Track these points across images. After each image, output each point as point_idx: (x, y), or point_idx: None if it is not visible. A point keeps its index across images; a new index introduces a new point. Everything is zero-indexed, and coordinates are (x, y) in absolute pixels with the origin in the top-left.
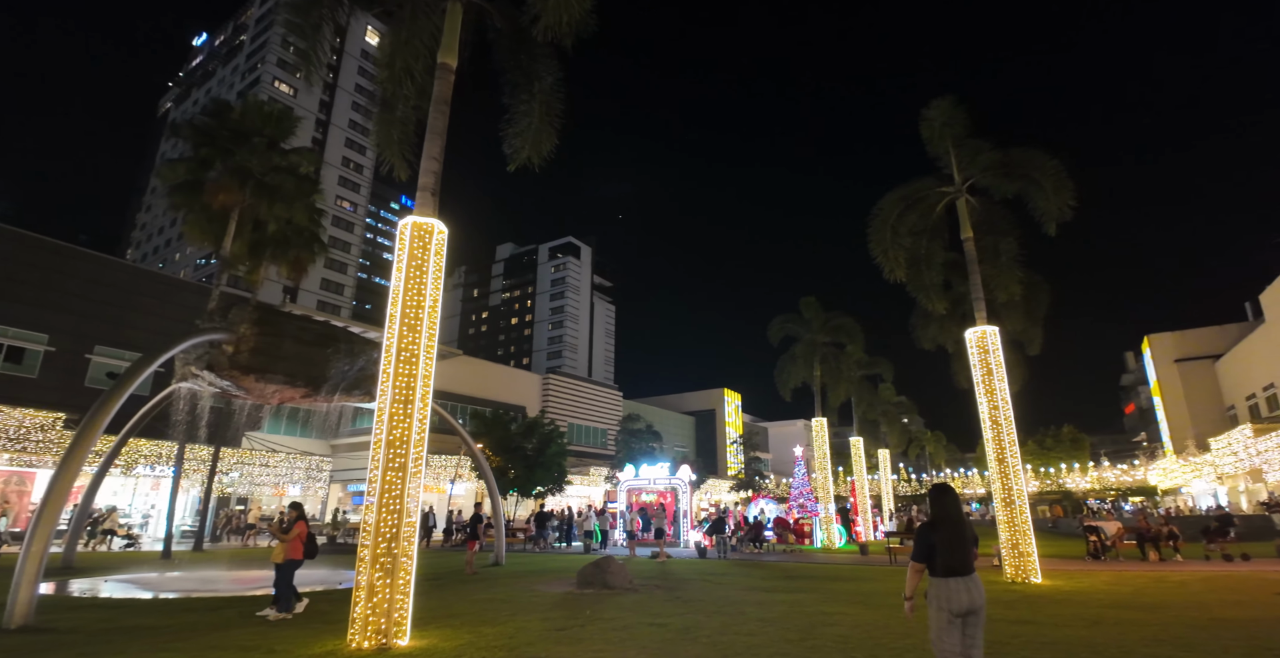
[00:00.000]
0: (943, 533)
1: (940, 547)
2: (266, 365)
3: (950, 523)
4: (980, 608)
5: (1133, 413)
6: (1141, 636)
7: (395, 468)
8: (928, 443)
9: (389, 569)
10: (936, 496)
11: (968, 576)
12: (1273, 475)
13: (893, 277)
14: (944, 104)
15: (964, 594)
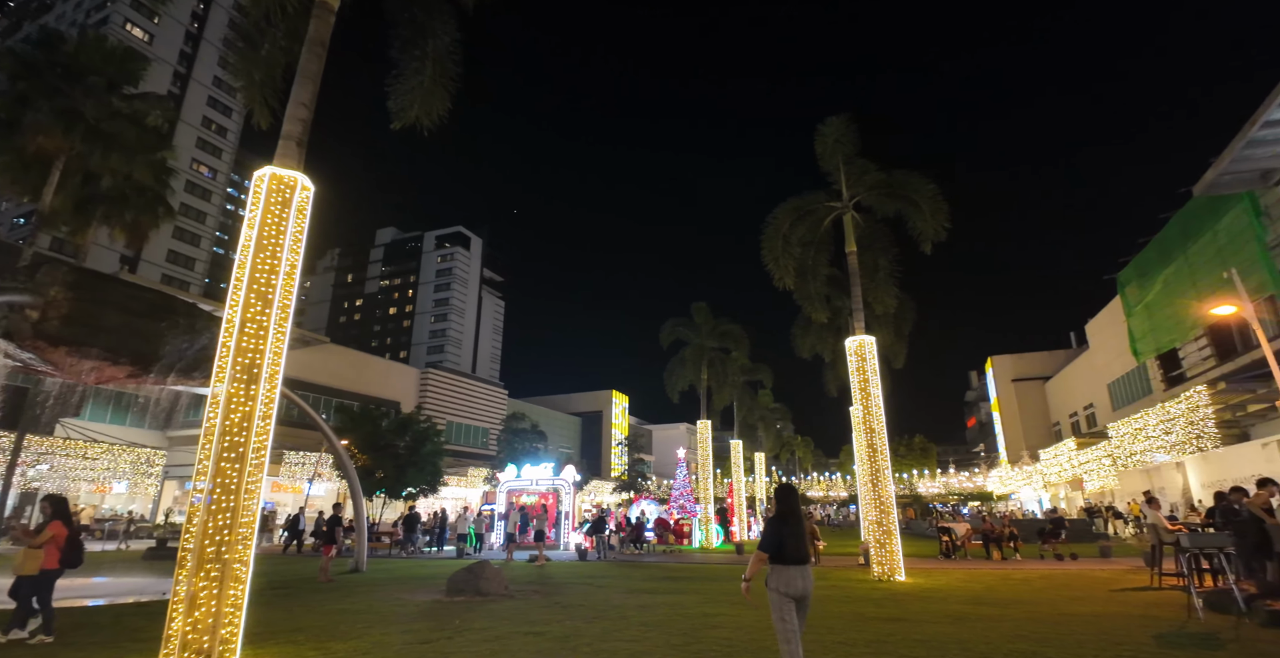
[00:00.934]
0: (789, 527)
1: (786, 539)
2: (81, 337)
3: (795, 518)
4: (809, 594)
5: (974, 426)
6: (1003, 632)
7: (232, 459)
8: (798, 448)
9: (217, 578)
10: (783, 494)
11: (804, 565)
12: (1090, 484)
13: (782, 284)
14: (838, 122)
15: (799, 581)
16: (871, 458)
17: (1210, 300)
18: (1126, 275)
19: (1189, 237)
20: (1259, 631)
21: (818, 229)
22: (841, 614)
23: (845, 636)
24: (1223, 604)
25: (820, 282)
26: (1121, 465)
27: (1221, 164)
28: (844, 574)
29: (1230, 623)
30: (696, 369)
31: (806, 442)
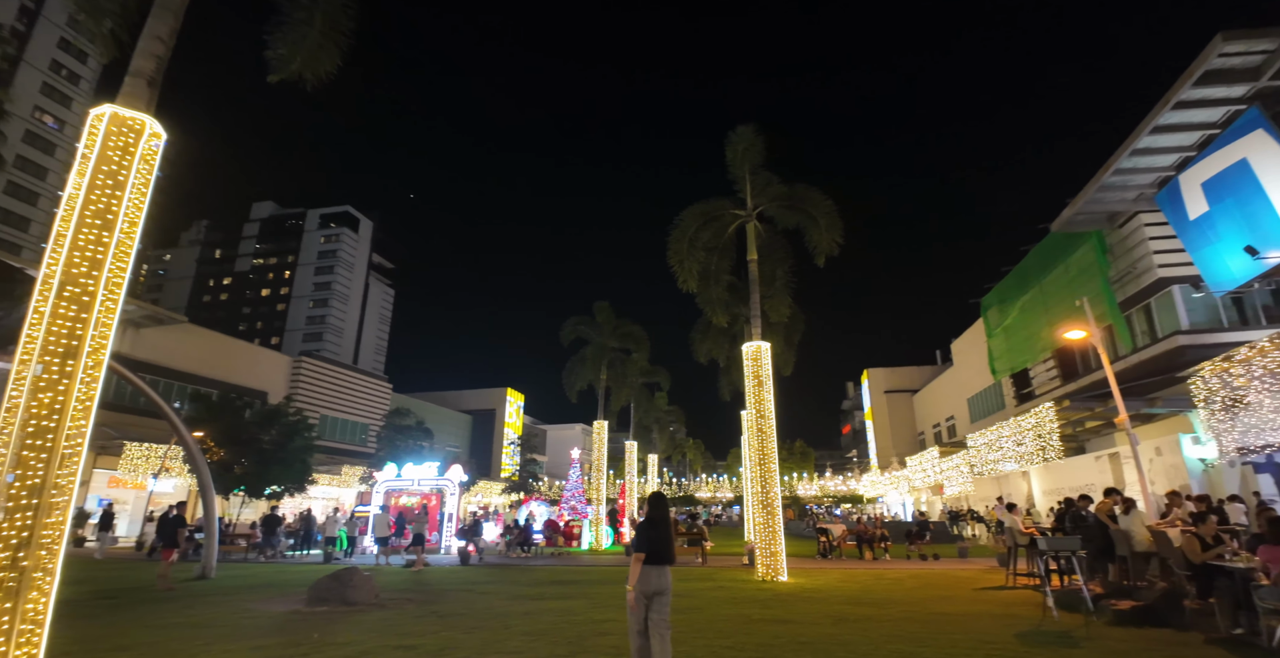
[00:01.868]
0: (658, 531)
1: (655, 542)
2: None
3: (664, 524)
4: (666, 590)
5: (849, 433)
6: (881, 632)
7: (38, 447)
8: (689, 450)
9: (12, 589)
10: (655, 501)
11: (665, 566)
12: (950, 489)
13: (686, 287)
14: (747, 132)
15: (657, 580)
16: (761, 461)
17: (1061, 326)
18: (989, 300)
19: (1045, 268)
20: (1107, 629)
21: (723, 235)
22: (730, 617)
23: (735, 640)
24: (1072, 603)
25: (722, 287)
26: (977, 473)
27: (1076, 205)
28: (730, 575)
29: (1081, 622)
30: (596, 369)
31: (698, 444)
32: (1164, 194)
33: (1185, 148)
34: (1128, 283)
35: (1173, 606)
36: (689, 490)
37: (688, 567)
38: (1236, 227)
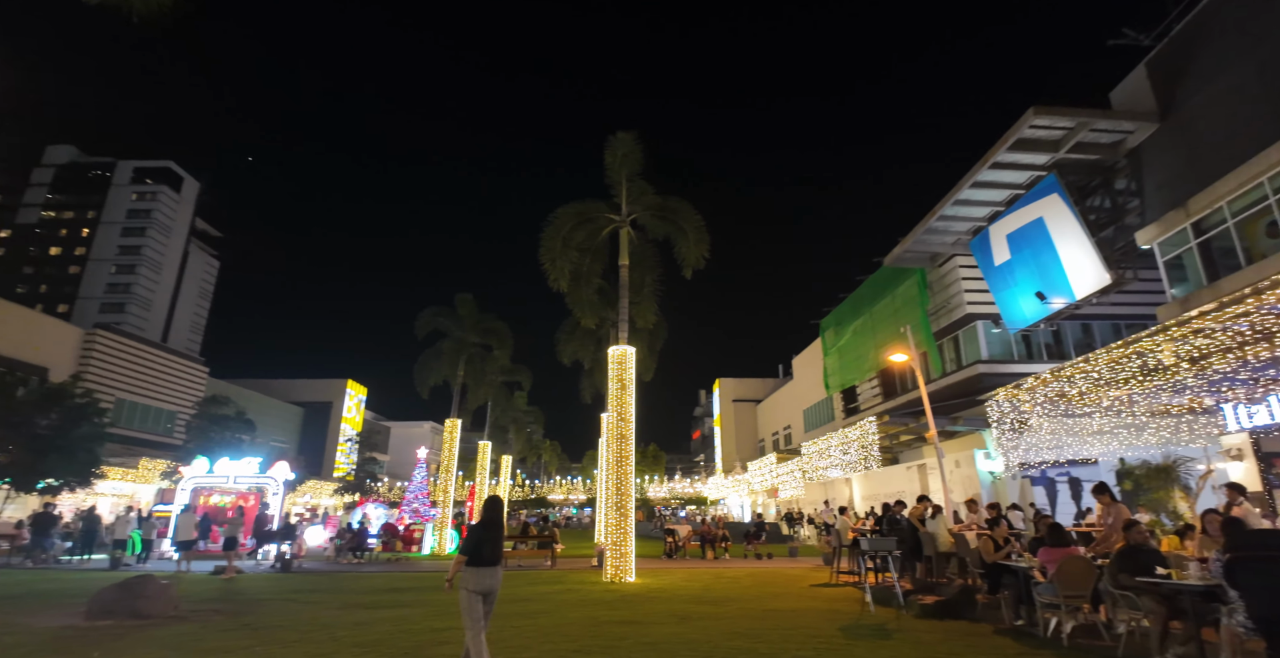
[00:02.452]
0: (489, 534)
1: (484, 544)
2: None
3: (496, 527)
4: (496, 590)
5: (698, 438)
6: (721, 630)
7: None
8: (545, 452)
9: None
10: (490, 505)
11: (496, 566)
12: (784, 493)
13: (556, 285)
14: (627, 138)
15: (488, 579)
16: (618, 463)
17: (886, 350)
18: (827, 322)
19: (875, 297)
20: (915, 622)
21: (596, 237)
22: (577, 620)
23: (581, 643)
24: (886, 599)
25: (592, 289)
26: (808, 478)
27: (905, 243)
28: (580, 577)
29: (893, 615)
30: (453, 364)
31: (554, 446)
32: (976, 241)
33: (996, 203)
34: (942, 316)
35: (968, 600)
36: (542, 493)
37: (537, 570)
38: (1031, 275)
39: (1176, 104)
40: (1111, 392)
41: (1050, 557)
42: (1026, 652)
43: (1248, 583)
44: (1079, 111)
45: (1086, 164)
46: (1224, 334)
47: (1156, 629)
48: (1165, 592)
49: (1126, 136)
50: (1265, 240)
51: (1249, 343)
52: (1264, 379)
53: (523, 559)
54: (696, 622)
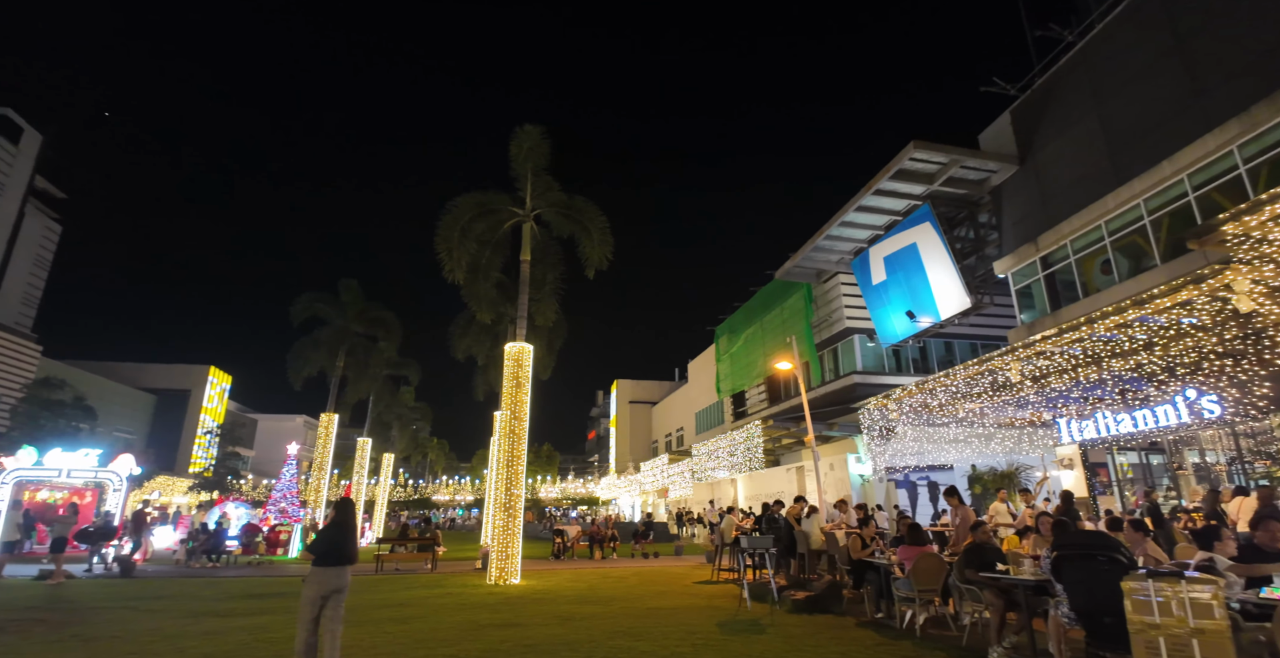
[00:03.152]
0: (341, 535)
1: (334, 545)
2: None
3: (347, 529)
4: (343, 590)
5: (594, 439)
6: (604, 629)
7: None
8: (432, 451)
9: None
10: (341, 507)
11: (343, 567)
12: (674, 493)
13: (452, 277)
14: (534, 131)
15: (334, 580)
16: (509, 463)
17: (773, 358)
18: (721, 329)
19: (766, 308)
20: (787, 616)
21: (498, 230)
22: (456, 624)
23: (459, 648)
24: (762, 595)
25: (491, 283)
26: (697, 479)
27: (796, 259)
28: (461, 580)
29: (768, 611)
30: (333, 354)
31: (442, 444)
32: (857, 261)
33: (877, 227)
34: (824, 328)
35: (835, 595)
36: (426, 493)
37: (416, 574)
38: (903, 295)
39: (1034, 150)
40: (967, 404)
41: (908, 554)
42: (884, 643)
43: (1069, 578)
44: (952, 149)
45: (956, 197)
46: (1061, 357)
47: (995, 620)
48: (1003, 586)
49: (991, 175)
50: (1100, 276)
51: (1081, 366)
52: (1092, 398)
53: (401, 563)
54: (579, 622)
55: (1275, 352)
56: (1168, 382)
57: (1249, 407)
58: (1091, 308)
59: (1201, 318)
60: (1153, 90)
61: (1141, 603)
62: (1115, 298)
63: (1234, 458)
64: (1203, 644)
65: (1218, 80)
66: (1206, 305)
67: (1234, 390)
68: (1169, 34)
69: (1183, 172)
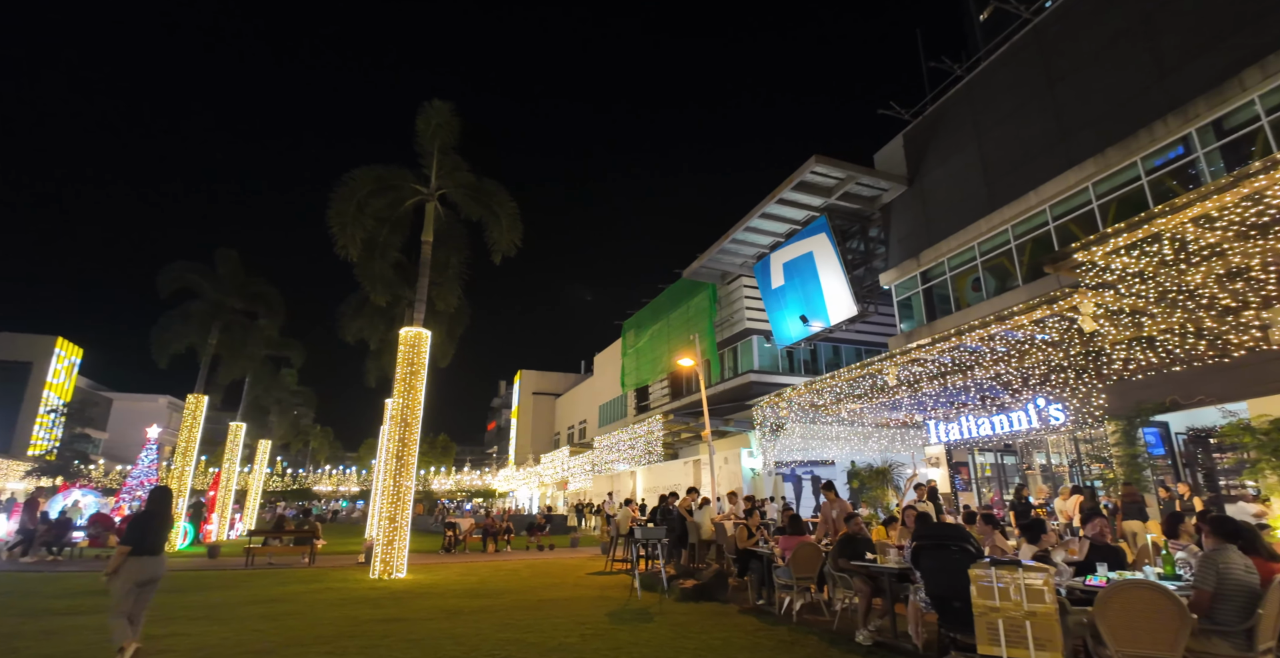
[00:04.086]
0: (153, 524)
1: (148, 534)
2: None
3: (161, 517)
4: (158, 578)
5: (493, 430)
6: (492, 622)
7: None
8: (315, 438)
9: None
10: (156, 496)
11: (158, 556)
12: (573, 485)
13: (345, 253)
14: (443, 107)
15: (151, 569)
16: (399, 453)
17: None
18: (629, 324)
19: (673, 305)
20: (675, 605)
21: (398, 208)
22: (334, 620)
23: (336, 644)
24: (653, 584)
25: (388, 263)
26: (597, 471)
27: (702, 259)
28: (341, 575)
29: (657, 600)
30: (205, 330)
31: (326, 432)
32: (759, 266)
33: (778, 234)
34: (725, 328)
35: (720, 584)
36: (307, 483)
37: (291, 569)
38: (798, 300)
39: (921, 173)
40: (849, 405)
41: (788, 544)
42: (763, 628)
43: (926, 566)
44: (850, 166)
45: (850, 211)
46: (933, 364)
47: (862, 605)
48: (871, 573)
49: (883, 193)
50: (970, 293)
51: (949, 373)
52: (958, 403)
53: (275, 556)
54: (467, 616)
55: (1111, 368)
56: (1021, 391)
57: (1087, 415)
58: (961, 321)
59: (1052, 335)
60: (1025, 127)
61: (985, 589)
62: (982, 313)
63: (1074, 461)
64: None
65: (1080, 123)
66: (1057, 324)
67: (1075, 401)
68: (1042, 77)
69: (1045, 202)
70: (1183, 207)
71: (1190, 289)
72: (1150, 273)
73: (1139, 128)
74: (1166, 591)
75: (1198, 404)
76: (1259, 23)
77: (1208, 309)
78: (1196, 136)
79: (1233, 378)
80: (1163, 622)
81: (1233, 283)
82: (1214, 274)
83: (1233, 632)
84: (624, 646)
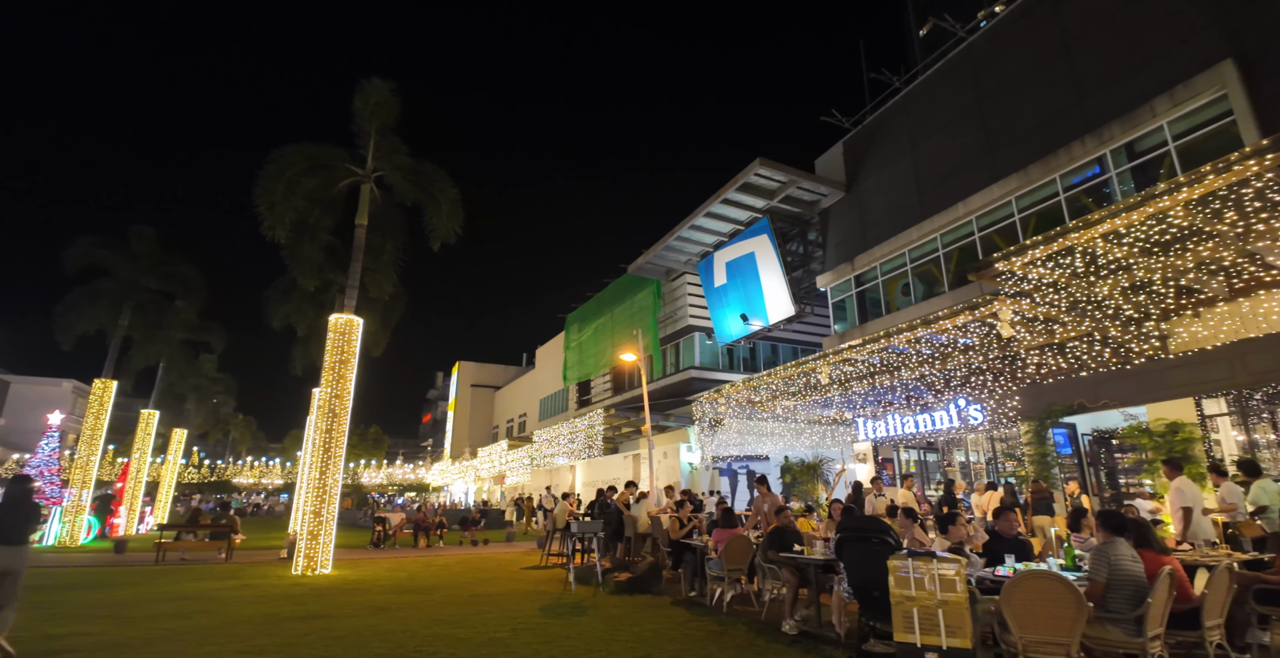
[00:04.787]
0: (11, 512)
1: (4, 523)
2: None
3: (18, 506)
4: (16, 571)
5: (429, 422)
6: (421, 617)
7: None
8: (236, 428)
9: None
10: (15, 482)
11: (19, 546)
12: (511, 479)
13: (272, 234)
14: (383, 86)
15: (6, 560)
16: (326, 445)
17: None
18: (573, 317)
19: (617, 300)
20: (609, 598)
21: (331, 188)
22: (252, 618)
23: (252, 642)
24: (587, 578)
25: (318, 246)
26: (536, 465)
27: (648, 256)
28: (261, 571)
29: (591, 593)
30: (116, 311)
31: (248, 422)
32: (703, 264)
33: (722, 234)
34: (668, 325)
35: (654, 576)
36: (227, 475)
37: (206, 565)
38: (739, 299)
39: (859, 180)
40: (784, 402)
41: (721, 536)
42: (693, 619)
43: (848, 558)
44: (792, 170)
45: (791, 215)
46: (864, 364)
47: (790, 596)
48: (799, 565)
49: (822, 198)
50: (900, 297)
51: (878, 373)
52: (885, 401)
53: (188, 552)
54: (395, 612)
55: (1025, 371)
56: (944, 391)
57: (1003, 416)
58: (891, 324)
59: (973, 339)
60: (956, 141)
61: (902, 579)
62: (910, 317)
63: (990, 458)
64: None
65: (1005, 139)
66: (978, 329)
67: (993, 402)
68: (973, 94)
69: (972, 214)
70: (1095, 223)
71: (1098, 300)
72: (1063, 284)
73: (1059, 147)
74: (1065, 580)
75: (1102, 407)
76: (1169, 56)
77: (1113, 319)
78: (1111, 158)
79: (1134, 384)
80: (1061, 609)
81: (1136, 296)
82: (1120, 287)
83: (1124, 619)
84: (556, 639)
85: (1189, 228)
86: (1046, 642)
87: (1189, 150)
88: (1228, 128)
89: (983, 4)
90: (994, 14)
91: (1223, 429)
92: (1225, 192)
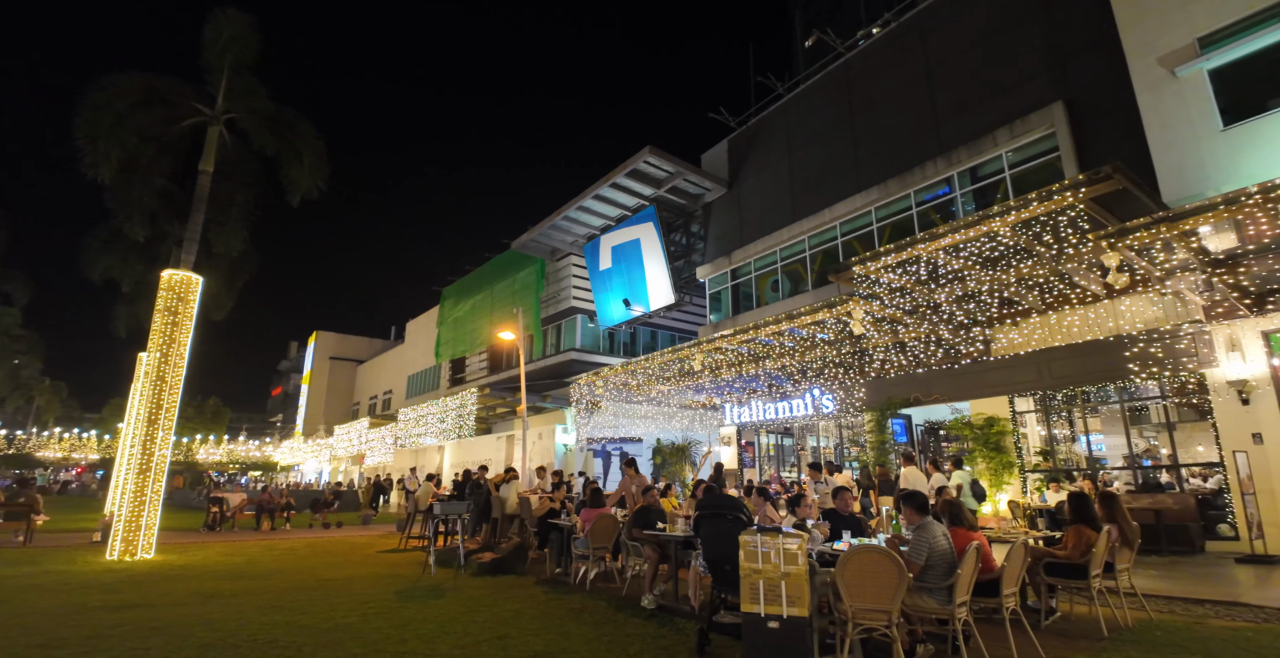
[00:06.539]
0: None
1: None
2: None
3: None
4: None
5: (279, 396)
6: (258, 604)
7: None
8: (41, 394)
9: None
10: None
11: None
12: (371, 459)
13: (94, 173)
14: (239, 18)
15: None
16: (153, 417)
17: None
18: (449, 291)
19: (499, 276)
20: (471, 579)
21: (172, 127)
22: (53, 608)
23: (52, 635)
24: (449, 560)
25: (151, 191)
26: (400, 445)
27: (532, 233)
28: (67, 556)
29: (452, 575)
30: None
31: (58, 388)
32: (589, 246)
33: (610, 217)
34: (551, 305)
35: (519, 557)
36: (30, 448)
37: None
38: (623, 284)
39: (740, 178)
40: (659, 386)
41: (588, 516)
42: (556, 597)
43: (704, 533)
44: (680, 162)
45: (676, 206)
46: (733, 353)
47: (650, 571)
48: (660, 541)
49: (706, 192)
50: (769, 292)
51: (745, 362)
52: (750, 389)
53: None
54: (228, 599)
55: (872, 366)
56: (801, 381)
57: (850, 405)
58: (759, 317)
59: (830, 335)
60: (828, 149)
61: (751, 553)
62: (776, 311)
63: (838, 444)
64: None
65: (870, 153)
66: (834, 326)
67: (842, 392)
68: (846, 107)
69: (836, 219)
70: (939, 236)
71: (935, 305)
72: (908, 289)
73: (915, 165)
74: (891, 554)
75: (933, 401)
76: (1012, 92)
77: (946, 323)
78: (957, 179)
79: (960, 382)
80: (886, 580)
81: (966, 304)
82: (954, 295)
83: (938, 589)
84: (410, 622)
85: (1014, 247)
86: (872, 609)
87: (1021, 178)
88: (1053, 162)
89: (863, 23)
90: (871, 34)
91: (1029, 424)
92: (1045, 217)
